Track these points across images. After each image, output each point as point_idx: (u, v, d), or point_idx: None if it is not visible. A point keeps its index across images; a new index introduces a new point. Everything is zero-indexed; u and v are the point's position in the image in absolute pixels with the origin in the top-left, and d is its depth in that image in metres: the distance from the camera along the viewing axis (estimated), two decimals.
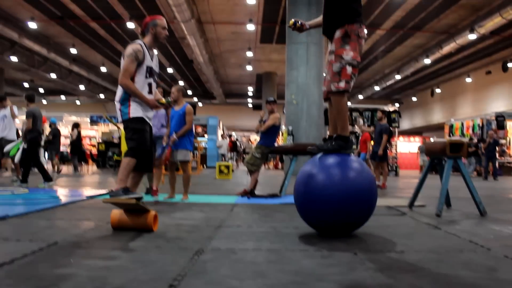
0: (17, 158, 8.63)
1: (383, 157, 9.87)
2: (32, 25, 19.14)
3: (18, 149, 8.63)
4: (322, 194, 3.35)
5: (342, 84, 3.60)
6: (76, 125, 14.84)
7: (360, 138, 12.10)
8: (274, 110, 7.33)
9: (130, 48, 4.03)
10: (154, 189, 6.55)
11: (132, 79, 4.03)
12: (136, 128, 4.02)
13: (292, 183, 4.58)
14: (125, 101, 4.04)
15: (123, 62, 4.03)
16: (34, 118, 8.54)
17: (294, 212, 4.18)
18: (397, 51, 23.67)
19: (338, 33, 3.65)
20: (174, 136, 6.29)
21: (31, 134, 8.52)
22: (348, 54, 3.60)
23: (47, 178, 8.40)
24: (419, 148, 17.99)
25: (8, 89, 31.05)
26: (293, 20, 4.10)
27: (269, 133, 7.19)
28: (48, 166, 14.18)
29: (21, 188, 8.24)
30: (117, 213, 3.78)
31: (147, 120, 4.13)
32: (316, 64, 13.36)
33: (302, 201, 3.57)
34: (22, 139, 8.71)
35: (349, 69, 3.60)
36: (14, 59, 22.35)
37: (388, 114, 16.58)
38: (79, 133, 14.70)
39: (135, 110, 4.02)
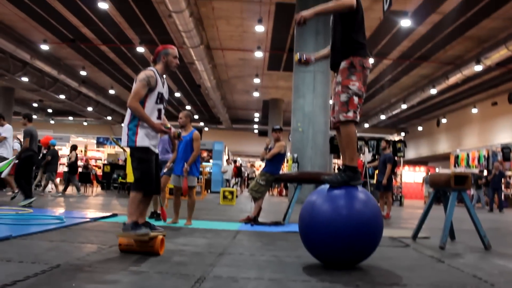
0: (4, 173, 8.76)
1: (387, 187, 9.84)
2: (44, 47, 19.49)
3: (9, 165, 8.76)
4: (327, 225, 3.33)
5: (350, 114, 3.64)
6: (74, 147, 14.92)
7: None
8: (280, 138, 7.37)
9: (143, 74, 4.11)
10: (162, 212, 6.60)
11: (143, 104, 4.09)
12: (141, 158, 4.06)
13: (296, 211, 4.58)
14: (133, 127, 4.08)
15: (134, 85, 4.11)
16: (31, 138, 8.74)
17: (297, 241, 4.16)
18: (403, 80, 23.81)
19: (343, 64, 3.71)
20: (186, 166, 6.33)
21: (26, 153, 8.69)
22: (355, 84, 3.65)
23: (27, 196, 8.50)
24: (424, 178, 17.89)
25: (17, 108, 31.37)
26: (298, 55, 4.14)
27: (274, 161, 7.21)
28: (52, 186, 14.24)
29: (26, 203, 8.30)
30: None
31: (153, 149, 4.17)
32: (323, 92, 13.45)
33: (306, 231, 3.56)
34: (16, 157, 8.84)
35: (355, 99, 3.66)
36: (25, 79, 22.66)
37: (393, 143, 16.57)
38: (77, 155, 14.77)
39: (141, 139, 4.06)
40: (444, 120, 31.92)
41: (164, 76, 4.37)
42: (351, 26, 3.77)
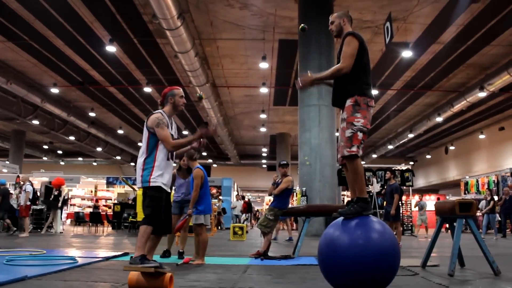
0: None
1: (396, 217, 9.86)
2: (54, 90, 19.98)
3: None
4: (346, 256, 3.41)
5: (354, 149, 3.77)
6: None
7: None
8: (287, 173, 7.49)
9: (154, 118, 4.26)
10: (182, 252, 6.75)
11: (156, 146, 4.24)
12: (153, 196, 4.15)
13: (306, 244, 4.66)
14: (149, 167, 4.19)
15: (157, 133, 4.21)
16: None
17: (306, 273, 4.23)
18: (408, 110, 23.99)
19: (349, 102, 3.85)
20: (189, 210, 6.44)
21: None
22: (359, 121, 3.79)
23: None
24: (417, 204, 17.51)
25: (27, 150, 31.80)
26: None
27: (282, 196, 7.31)
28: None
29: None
30: (135, 274, 3.92)
31: (165, 188, 4.25)
32: (328, 125, 13.59)
33: (325, 263, 3.63)
34: None
35: (360, 135, 3.79)
36: (35, 122, 23.12)
37: (401, 173, 16.59)
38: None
39: (155, 179, 4.16)
40: (452, 147, 31.88)
41: (172, 117, 4.51)
42: (357, 69, 3.92)
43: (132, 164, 35.80)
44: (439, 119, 22.31)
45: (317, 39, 13.03)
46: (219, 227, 20.30)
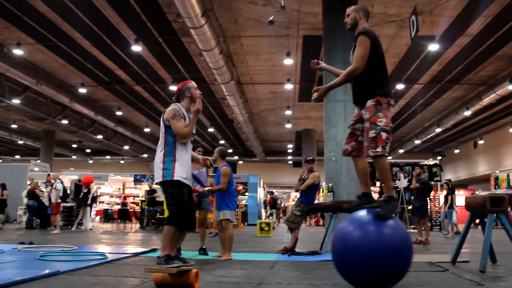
0: None
1: (423, 212, 9.73)
2: (82, 90, 20.35)
3: None
4: (358, 251, 3.42)
5: (379, 149, 3.76)
6: (3, 186, 15.07)
7: None
8: (314, 169, 7.48)
9: (171, 110, 4.29)
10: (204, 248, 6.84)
11: (174, 138, 4.25)
12: (174, 193, 4.15)
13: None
14: (170, 162, 4.18)
15: (171, 124, 4.22)
16: None
17: (334, 269, 4.22)
18: (435, 104, 23.58)
19: (370, 102, 3.85)
20: (204, 189, 6.54)
21: None
22: (382, 120, 3.78)
23: None
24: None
25: (57, 149, 32.47)
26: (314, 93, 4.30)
27: (309, 191, 7.31)
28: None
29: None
30: None
31: (185, 181, 4.23)
32: None
33: (339, 258, 3.65)
34: None
35: (384, 135, 3.78)
36: (64, 122, 23.60)
37: (429, 167, 16.35)
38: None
39: (174, 173, 4.15)
40: (481, 142, 31.23)
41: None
42: (375, 66, 3.91)
43: (156, 161, 36.16)
44: (467, 113, 21.86)
45: (342, 35, 12.85)
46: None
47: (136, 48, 15.24)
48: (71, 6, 13.14)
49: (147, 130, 29.31)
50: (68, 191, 15.82)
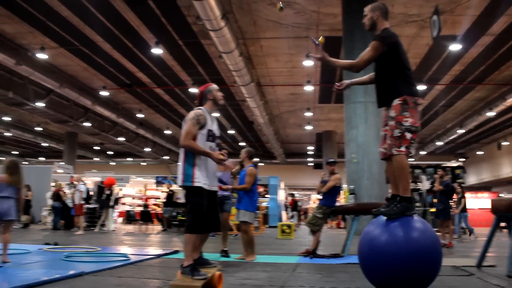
0: None
1: (446, 215, 9.60)
2: (104, 93, 20.62)
3: None
4: (385, 254, 3.38)
5: (402, 149, 3.71)
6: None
7: None
8: (335, 171, 7.45)
9: (192, 113, 4.22)
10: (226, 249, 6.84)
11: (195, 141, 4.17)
12: (194, 202, 4.05)
13: (355, 242, 4.60)
14: (189, 167, 4.10)
15: (184, 125, 4.19)
16: None
17: (356, 272, 4.20)
18: (458, 105, 23.25)
19: (396, 101, 3.79)
20: (228, 186, 6.56)
21: None
22: (407, 120, 3.72)
23: None
24: None
25: (80, 151, 32.95)
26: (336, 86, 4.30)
27: (330, 194, 7.28)
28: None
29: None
30: None
31: (207, 187, 4.11)
32: (375, 122, 13.36)
33: (365, 262, 3.61)
34: None
35: (408, 135, 3.72)
36: (87, 124, 23.95)
37: (452, 169, 16.13)
38: None
39: (195, 179, 4.06)
40: (505, 143, 30.65)
41: (214, 114, 4.46)
42: (398, 67, 3.86)
43: (179, 163, 36.42)
44: (490, 113, 21.49)
45: (362, 36, 12.81)
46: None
47: (157, 50, 15.39)
48: (93, 11, 13.35)
49: (167, 132, 29.55)
50: (91, 193, 16.01)
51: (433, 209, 13.12)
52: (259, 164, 36.92)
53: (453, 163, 17.86)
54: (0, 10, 13.32)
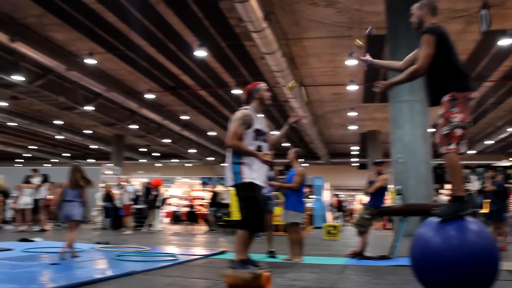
0: None
1: (499, 217, 9.26)
2: (149, 96, 21.06)
3: None
4: (438, 257, 3.29)
5: (452, 147, 3.61)
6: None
7: None
8: (382, 171, 7.34)
9: (239, 113, 4.25)
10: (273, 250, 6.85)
11: (242, 141, 4.19)
12: (246, 197, 4.08)
13: (403, 244, 4.52)
14: (237, 166, 4.14)
15: (231, 125, 4.22)
16: None
17: (407, 275, 4.11)
18: (509, 102, 22.40)
19: (445, 97, 3.70)
20: (274, 182, 6.58)
21: None
22: (456, 116, 3.62)
23: None
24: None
25: (127, 153, 33.81)
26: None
27: (378, 194, 7.18)
28: None
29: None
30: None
31: (258, 183, 4.13)
32: (421, 121, 13.07)
33: (418, 265, 3.52)
34: None
35: (458, 132, 3.61)
36: (133, 127, 24.54)
37: (504, 169, 15.58)
38: None
39: (246, 175, 4.08)
40: None
41: (261, 114, 4.44)
42: (447, 62, 3.76)
43: (222, 164, 36.76)
44: None
45: (406, 33, 12.54)
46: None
47: (200, 53, 15.57)
48: (138, 16, 13.67)
49: (211, 133, 29.90)
50: (139, 193, 16.36)
51: (483, 210, 12.72)
52: (304, 164, 36.76)
53: (505, 163, 17.26)
54: (52, 19, 13.85)
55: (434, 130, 3.88)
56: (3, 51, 15.09)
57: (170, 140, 29.15)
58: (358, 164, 37.32)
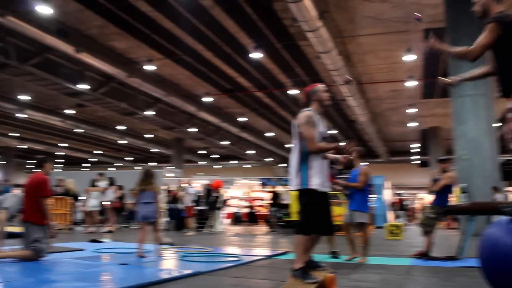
0: None
1: None
2: (207, 99, 21.44)
3: None
4: (510, 259, 3.16)
5: None
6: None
7: None
8: (447, 169, 7.10)
9: (304, 116, 4.15)
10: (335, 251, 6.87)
11: (305, 145, 4.10)
12: (306, 205, 4.03)
13: (472, 244, 4.35)
14: (304, 170, 4.07)
15: (303, 130, 4.10)
16: None
17: (476, 276, 3.97)
18: None
19: None
20: (340, 181, 6.54)
21: None
22: None
23: None
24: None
25: (187, 156, 34.58)
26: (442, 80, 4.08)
27: (443, 193, 6.95)
28: None
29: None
30: None
31: (321, 189, 4.05)
32: (486, 116, 12.53)
33: (488, 266, 3.39)
34: None
35: None
36: (192, 130, 25.07)
37: None
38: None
39: (310, 181, 4.02)
40: None
41: (321, 116, 4.37)
42: None
43: (281, 165, 36.83)
44: None
45: (467, 25, 12.06)
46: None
47: (255, 55, 15.66)
48: (194, 21, 13.95)
49: (269, 134, 30.00)
50: (201, 195, 16.68)
51: None
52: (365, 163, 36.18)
53: None
54: (112, 28, 14.41)
55: (501, 124, 3.70)
56: (70, 61, 15.90)
57: (228, 142, 29.54)
58: (419, 162, 36.29)
